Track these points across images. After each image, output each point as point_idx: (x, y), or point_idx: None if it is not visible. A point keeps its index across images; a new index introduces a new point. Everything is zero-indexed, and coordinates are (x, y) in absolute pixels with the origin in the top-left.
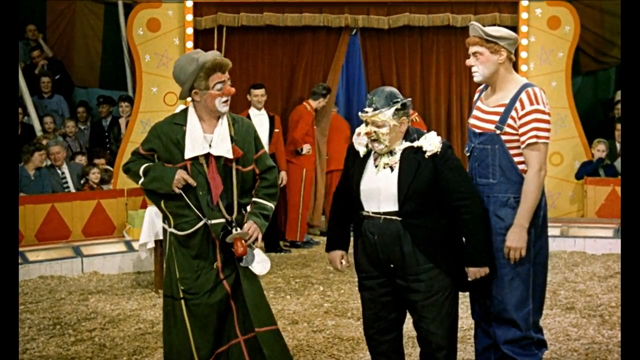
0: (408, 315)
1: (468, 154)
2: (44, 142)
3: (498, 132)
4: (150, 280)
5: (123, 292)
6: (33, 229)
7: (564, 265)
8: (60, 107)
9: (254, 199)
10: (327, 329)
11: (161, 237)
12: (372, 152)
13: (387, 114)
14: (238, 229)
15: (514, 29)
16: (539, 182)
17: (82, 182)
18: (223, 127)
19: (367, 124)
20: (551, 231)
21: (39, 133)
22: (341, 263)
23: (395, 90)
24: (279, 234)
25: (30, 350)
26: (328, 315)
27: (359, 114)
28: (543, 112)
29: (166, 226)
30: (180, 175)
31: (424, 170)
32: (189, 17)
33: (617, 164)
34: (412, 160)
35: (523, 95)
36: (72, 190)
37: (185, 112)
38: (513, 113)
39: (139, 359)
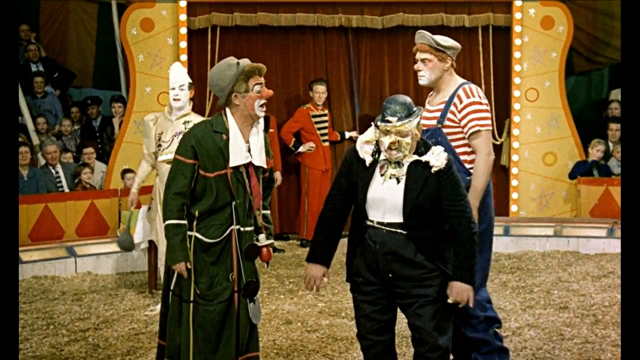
0: (401, 316)
1: None
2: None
3: (439, 125)
4: (144, 280)
5: (117, 293)
6: (27, 229)
7: (558, 264)
8: (53, 107)
9: (262, 212)
10: (321, 329)
11: (153, 238)
12: (379, 161)
13: (414, 123)
14: (262, 236)
15: (508, 29)
16: (488, 164)
17: (75, 181)
18: (260, 137)
19: (387, 133)
20: (545, 231)
21: (32, 133)
22: (322, 281)
23: (408, 98)
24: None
25: (24, 351)
26: (322, 315)
27: (380, 123)
28: (480, 103)
29: (188, 230)
30: (182, 268)
31: (430, 186)
32: (183, 17)
33: (611, 163)
34: (419, 174)
35: (460, 92)
36: (66, 189)
37: (221, 119)
38: (452, 108)
39: (132, 359)
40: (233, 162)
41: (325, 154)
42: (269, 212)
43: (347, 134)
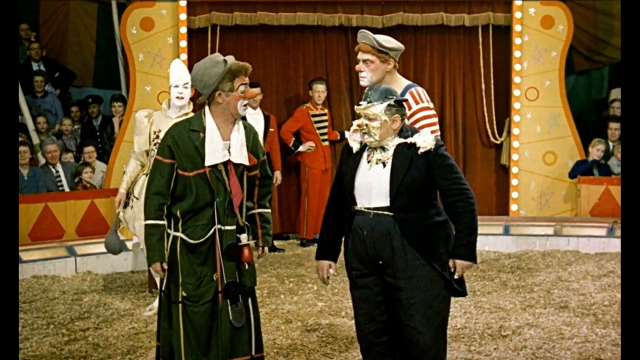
0: None
1: None
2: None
3: None
4: (143, 279)
5: (117, 292)
6: (27, 228)
7: (557, 264)
8: (53, 106)
9: (260, 210)
10: (321, 328)
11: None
12: (366, 148)
13: (378, 108)
14: (244, 235)
15: (508, 28)
16: None
17: (75, 181)
18: (240, 134)
19: (359, 117)
20: (545, 230)
21: (32, 132)
22: (328, 273)
23: (392, 88)
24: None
25: (24, 350)
26: (322, 315)
27: (355, 107)
28: (428, 109)
29: (172, 231)
30: (158, 268)
31: (417, 167)
32: (183, 16)
33: (611, 163)
34: (405, 156)
35: (407, 96)
36: (66, 189)
37: (199, 117)
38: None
39: (132, 358)
40: (209, 161)
41: (325, 154)
42: (267, 211)
43: (347, 133)
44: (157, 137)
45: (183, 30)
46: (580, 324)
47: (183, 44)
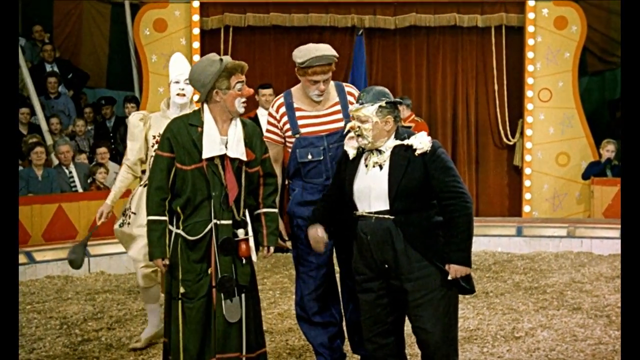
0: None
1: (320, 158)
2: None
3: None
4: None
5: (130, 292)
6: (40, 229)
7: (571, 265)
8: (67, 107)
9: (264, 210)
10: None
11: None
12: (363, 152)
13: (369, 110)
14: (242, 231)
15: (521, 29)
16: None
17: (88, 181)
18: (237, 130)
19: (352, 119)
20: (558, 231)
21: (45, 133)
22: (321, 237)
23: (385, 89)
24: None
25: (37, 350)
26: None
27: (348, 110)
28: None
29: (173, 228)
30: (158, 264)
31: (414, 169)
32: (196, 17)
33: None
34: (401, 158)
35: (349, 90)
36: (80, 189)
37: (198, 113)
38: (350, 106)
39: (145, 358)
40: (206, 153)
41: None
42: (272, 210)
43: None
44: (158, 142)
45: (196, 31)
46: (594, 325)
47: (196, 45)
